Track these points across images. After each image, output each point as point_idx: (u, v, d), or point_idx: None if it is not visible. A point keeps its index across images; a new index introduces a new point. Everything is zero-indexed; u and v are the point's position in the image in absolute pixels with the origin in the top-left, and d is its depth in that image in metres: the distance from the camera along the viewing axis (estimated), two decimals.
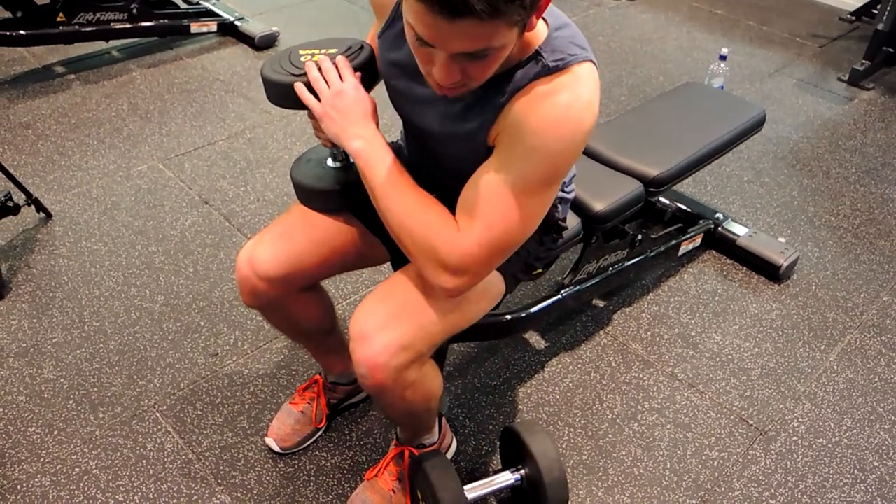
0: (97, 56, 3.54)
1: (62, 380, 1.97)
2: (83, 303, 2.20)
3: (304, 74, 1.33)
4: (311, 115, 1.41)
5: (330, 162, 1.53)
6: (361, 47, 1.41)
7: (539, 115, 1.14)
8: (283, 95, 1.37)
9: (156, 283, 2.28)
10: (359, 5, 4.21)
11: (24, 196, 2.42)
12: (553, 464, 1.57)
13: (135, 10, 3.44)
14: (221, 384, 1.98)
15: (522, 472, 1.63)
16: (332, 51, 1.40)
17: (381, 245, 1.56)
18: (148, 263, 2.35)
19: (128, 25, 3.45)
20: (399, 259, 1.58)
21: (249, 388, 1.97)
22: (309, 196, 1.53)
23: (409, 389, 1.36)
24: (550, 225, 1.55)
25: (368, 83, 1.38)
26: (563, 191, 1.57)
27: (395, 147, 1.57)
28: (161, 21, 3.55)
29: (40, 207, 2.47)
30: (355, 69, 1.34)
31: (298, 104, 1.37)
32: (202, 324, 2.15)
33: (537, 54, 1.17)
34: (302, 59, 1.38)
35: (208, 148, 2.90)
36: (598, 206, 1.84)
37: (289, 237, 1.50)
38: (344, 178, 1.50)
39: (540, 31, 1.19)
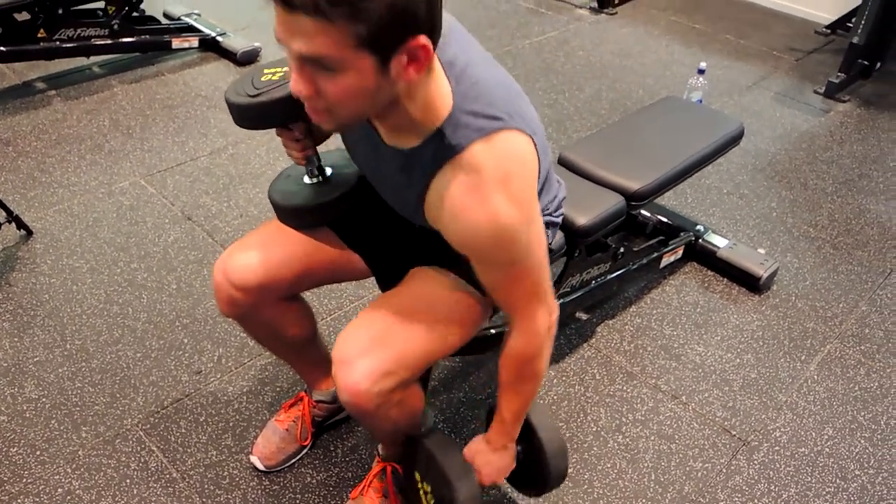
0: (78, 72, 3.53)
1: (44, 399, 1.95)
2: (65, 321, 2.18)
3: (258, 95, 1.34)
4: (282, 133, 1.44)
5: (306, 179, 1.54)
6: None
7: (474, 229, 1.16)
8: (238, 116, 1.39)
9: (138, 300, 2.27)
10: None
11: (4, 213, 2.40)
12: (553, 434, 1.55)
13: (116, 26, 3.44)
14: (205, 402, 1.97)
15: (520, 445, 1.57)
16: None
17: (360, 259, 1.56)
18: (130, 280, 2.34)
19: (109, 41, 3.44)
20: (384, 275, 1.59)
21: (234, 405, 1.96)
22: (286, 214, 1.54)
23: (393, 411, 1.37)
24: None
25: None
26: (551, 215, 1.58)
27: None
28: (142, 37, 3.55)
29: (21, 225, 2.45)
30: None
31: (262, 124, 1.42)
32: (186, 341, 2.14)
33: (439, 132, 1.14)
34: (263, 78, 1.39)
35: (190, 164, 2.90)
36: (581, 220, 1.85)
37: (264, 247, 1.50)
38: (320, 195, 1.51)
39: (444, 100, 1.14)
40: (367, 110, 1.12)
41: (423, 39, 1.00)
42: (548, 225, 1.59)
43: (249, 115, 1.37)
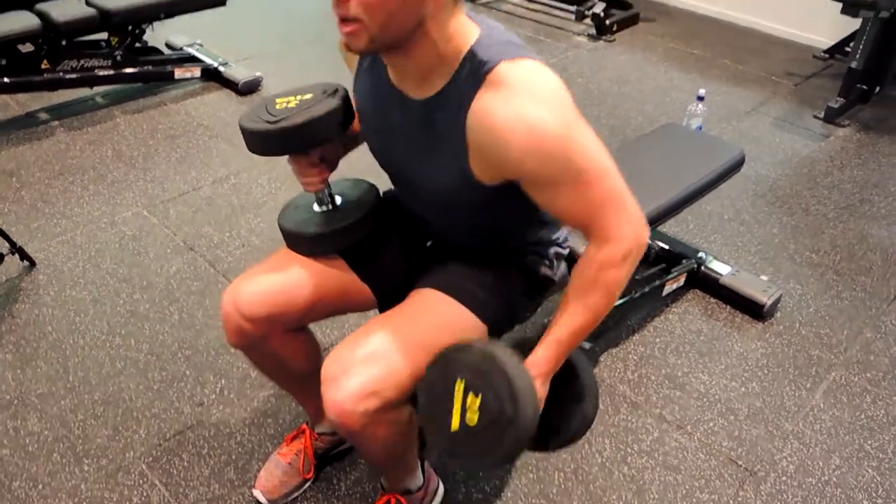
0: (81, 102, 3.55)
1: (46, 432, 1.94)
2: (67, 353, 2.18)
3: (278, 121, 1.37)
4: (297, 160, 1.46)
5: (316, 207, 1.55)
6: (336, 90, 1.45)
7: (520, 142, 1.15)
8: (258, 143, 1.41)
9: (141, 331, 2.26)
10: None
11: (7, 245, 2.41)
12: (590, 371, 1.44)
13: (119, 57, 3.47)
14: (208, 434, 1.96)
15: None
16: (308, 96, 1.44)
17: (368, 290, 1.56)
18: (133, 311, 2.33)
19: (112, 72, 3.47)
20: (387, 304, 1.59)
21: (236, 437, 1.95)
22: (296, 241, 1.54)
23: (381, 431, 1.36)
24: (538, 282, 1.56)
25: (344, 122, 1.43)
26: (559, 246, 1.58)
27: (389, 195, 1.60)
28: (145, 67, 3.58)
29: (24, 256, 2.46)
30: (330, 109, 1.38)
31: (281, 150, 1.43)
32: (188, 372, 2.13)
33: (470, 54, 1.20)
34: (277, 106, 1.42)
35: (193, 194, 2.91)
36: (581, 249, 1.85)
37: (274, 277, 1.51)
38: (331, 223, 1.52)
39: (470, 31, 1.22)
40: (395, 23, 1.13)
41: None
42: (556, 256, 1.60)
43: (269, 142, 1.40)
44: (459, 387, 1.26)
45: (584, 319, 1.30)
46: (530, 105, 1.15)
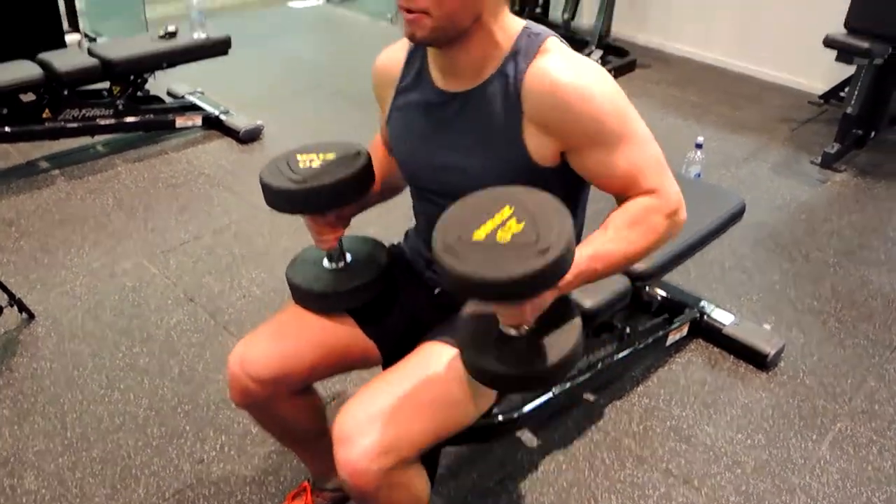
0: (82, 151, 3.57)
1: (44, 490, 1.91)
2: (65, 408, 2.15)
3: (304, 182, 1.38)
4: (314, 218, 1.47)
5: (326, 263, 1.55)
6: (358, 151, 1.47)
7: (577, 99, 1.23)
8: (282, 201, 1.42)
9: (140, 385, 2.24)
10: (342, 97, 4.30)
11: (6, 297, 2.40)
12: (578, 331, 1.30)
13: (120, 106, 3.49)
14: (208, 492, 1.93)
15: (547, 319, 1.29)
16: (330, 155, 1.45)
17: (374, 347, 1.55)
18: (132, 365, 2.31)
19: (113, 121, 3.50)
20: (391, 359, 1.58)
21: (237, 496, 1.92)
22: (306, 297, 1.54)
23: (395, 492, 1.33)
24: None
25: (368, 183, 1.46)
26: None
27: (397, 249, 1.60)
28: (146, 116, 3.60)
29: (23, 308, 2.45)
30: (356, 171, 1.41)
31: (299, 210, 1.44)
32: (188, 428, 2.11)
33: (525, 31, 1.30)
34: (300, 164, 1.44)
35: (193, 243, 2.91)
36: (587, 302, 1.85)
37: (282, 337, 1.50)
38: (342, 282, 1.52)
39: (515, 20, 1.32)
40: (459, 14, 1.22)
41: None
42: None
43: (295, 201, 1.42)
44: (506, 210, 1.16)
45: (620, 250, 1.28)
46: (585, 67, 1.26)
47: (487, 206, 1.17)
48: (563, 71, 1.25)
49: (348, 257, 1.55)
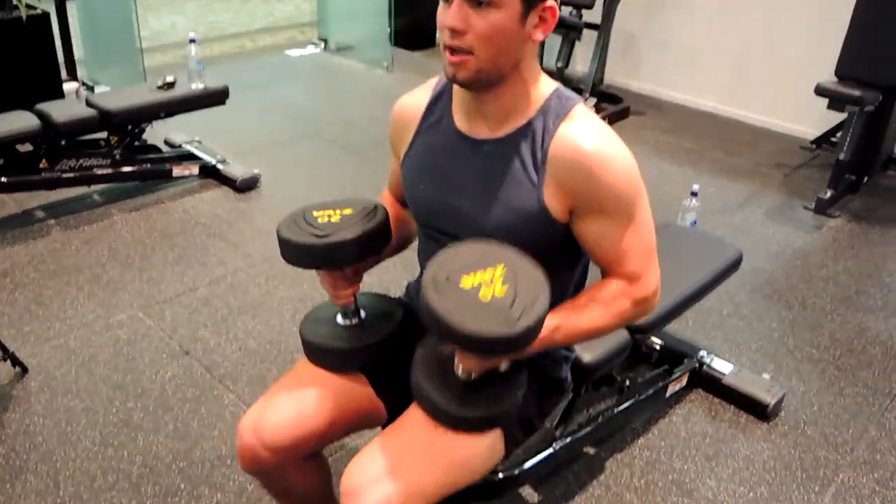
0: (78, 200, 3.56)
1: None
2: (58, 465, 2.12)
3: (327, 236, 1.40)
4: (332, 274, 1.48)
5: (340, 320, 1.54)
6: (375, 208, 1.49)
7: (600, 169, 1.28)
8: (302, 256, 1.43)
9: (134, 442, 2.21)
10: (339, 145, 4.32)
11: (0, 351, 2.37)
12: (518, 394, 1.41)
13: (118, 156, 3.50)
14: None
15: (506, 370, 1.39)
16: (348, 211, 1.47)
17: (382, 405, 1.53)
18: (126, 421, 2.28)
19: (110, 171, 3.50)
20: (395, 414, 1.56)
21: None
22: (321, 356, 1.53)
23: None
24: (552, 385, 1.55)
25: (386, 239, 1.49)
26: (567, 349, 1.57)
27: (405, 303, 1.59)
28: (143, 166, 3.61)
29: (16, 362, 2.42)
30: (376, 226, 1.44)
31: (319, 265, 1.46)
32: (182, 486, 2.07)
33: (557, 92, 1.35)
34: (318, 220, 1.45)
35: (189, 294, 2.89)
36: (587, 356, 1.83)
37: (296, 402, 1.47)
38: (358, 339, 1.51)
39: (547, 78, 1.38)
40: (502, 58, 1.26)
41: (553, 4, 1.26)
42: (564, 359, 1.58)
43: (315, 256, 1.43)
44: (499, 269, 1.26)
45: (583, 326, 1.38)
46: (611, 141, 1.31)
47: (484, 259, 1.28)
48: (590, 140, 1.29)
49: (362, 314, 1.55)
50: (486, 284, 1.23)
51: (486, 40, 1.23)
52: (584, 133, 1.30)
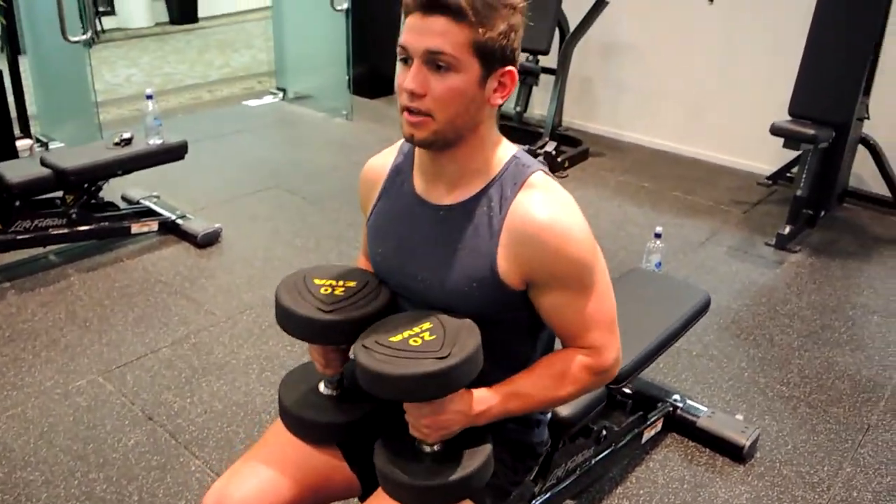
0: (33, 261, 3.47)
1: None
2: None
3: (332, 311, 1.36)
4: (321, 347, 1.44)
5: (323, 388, 1.49)
6: (379, 285, 1.45)
7: (556, 242, 1.26)
8: (304, 329, 1.38)
9: None
10: (300, 196, 4.29)
11: None
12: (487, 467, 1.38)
13: (74, 216, 3.42)
14: None
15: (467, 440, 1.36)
16: (351, 284, 1.43)
17: (355, 479, 1.48)
18: (88, 494, 2.19)
19: (66, 231, 3.41)
20: (369, 490, 1.51)
21: None
22: (301, 426, 1.47)
23: None
24: (525, 450, 1.51)
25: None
26: (541, 412, 1.54)
27: None
28: (101, 224, 3.53)
29: None
30: (384, 303, 1.40)
31: (319, 340, 1.41)
32: None
33: (515, 159, 1.34)
34: (321, 290, 1.41)
35: (151, 356, 2.81)
36: (565, 411, 1.80)
37: (263, 477, 1.41)
38: (339, 413, 1.46)
39: (507, 143, 1.37)
40: (460, 120, 1.25)
41: (512, 69, 1.26)
42: (537, 423, 1.55)
43: (316, 330, 1.37)
44: (426, 324, 1.30)
45: (539, 396, 1.36)
46: (567, 213, 1.29)
47: (410, 321, 1.32)
48: (546, 212, 1.27)
49: (345, 382, 1.50)
50: (414, 336, 1.27)
51: (444, 104, 1.23)
52: (540, 204, 1.28)
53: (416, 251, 1.38)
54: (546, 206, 1.28)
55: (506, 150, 1.36)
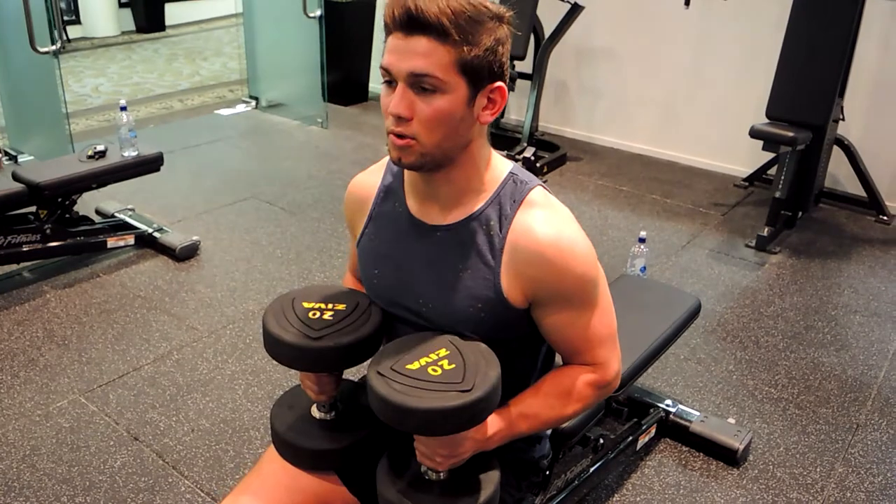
0: (6, 279, 3.38)
1: None
2: None
3: (322, 338, 1.31)
4: (308, 374, 1.40)
5: (316, 412, 1.45)
6: (369, 306, 1.41)
7: (559, 260, 1.24)
8: (294, 357, 1.33)
9: None
10: (278, 206, 4.23)
11: None
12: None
13: (48, 231, 3.34)
14: None
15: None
16: (341, 307, 1.39)
17: (356, 501, 1.45)
18: None
19: (40, 246, 3.33)
20: None
21: None
22: (295, 453, 1.42)
23: None
24: (530, 467, 1.49)
25: (377, 346, 1.39)
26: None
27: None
28: (77, 239, 3.45)
29: None
30: (375, 328, 1.37)
31: (306, 367, 1.36)
32: None
33: (512, 175, 1.31)
34: (310, 314, 1.36)
35: (133, 374, 2.74)
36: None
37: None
38: (334, 438, 1.41)
39: (502, 160, 1.34)
40: (447, 143, 1.21)
41: (501, 85, 1.22)
42: (538, 439, 1.53)
43: (307, 358, 1.33)
44: (442, 351, 1.27)
45: (546, 415, 1.35)
46: (570, 230, 1.27)
47: (425, 346, 1.27)
48: (548, 230, 1.25)
49: (339, 405, 1.46)
50: (433, 365, 1.22)
51: (432, 127, 1.18)
52: (542, 222, 1.26)
53: (416, 273, 1.35)
54: (548, 224, 1.26)
55: (501, 167, 1.32)
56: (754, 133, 3.72)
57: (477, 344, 1.28)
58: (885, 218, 4.27)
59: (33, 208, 3.34)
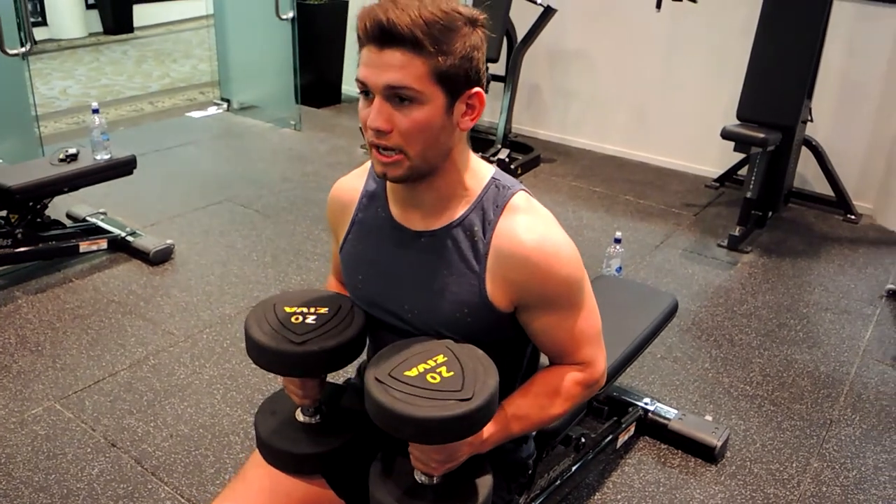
0: None
1: None
2: None
3: (305, 343, 1.30)
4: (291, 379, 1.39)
5: (301, 416, 1.44)
6: (352, 308, 1.40)
7: (544, 264, 1.25)
8: (279, 363, 1.32)
9: None
10: (252, 209, 4.21)
11: None
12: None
13: (19, 235, 3.29)
14: None
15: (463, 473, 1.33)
16: (323, 310, 1.38)
17: None
18: None
19: (11, 251, 3.28)
20: None
21: None
22: (279, 457, 1.41)
23: None
24: (518, 468, 1.50)
25: (361, 349, 1.40)
26: None
27: (357, 387, 1.52)
28: (49, 243, 3.39)
29: None
30: (359, 331, 1.37)
31: (292, 372, 1.35)
32: None
33: (494, 181, 1.31)
34: (292, 319, 1.35)
35: (109, 380, 2.71)
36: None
37: None
38: (319, 442, 1.41)
39: (484, 165, 1.35)
40: (431, 152, 1.21)
41: (479, 90, 1.21)
42: (525, 438, 1.54)
43: (293, 363, 1.32)
44: (440, 358, 1.26)
45: (537, 416, 1.36)
46: (554, 234, 1.27)
47: (422, 352, 1.27)
48: (532, 235, 1.26)
49: (324, 408, 1.46)
50: (431, 372, 1.22)
51: (412, 138, 1.18)
52: (526, 227, 1.26)
53: (400, 279, 1.35)
54: (532, 228, 1.26)
55: (483, 172, 1.33)
56: (726, 134, 3.77)
57: (473, 349, 1.28)
58: (852, 217, 4.36)
59: (3, 213, 3.29)
